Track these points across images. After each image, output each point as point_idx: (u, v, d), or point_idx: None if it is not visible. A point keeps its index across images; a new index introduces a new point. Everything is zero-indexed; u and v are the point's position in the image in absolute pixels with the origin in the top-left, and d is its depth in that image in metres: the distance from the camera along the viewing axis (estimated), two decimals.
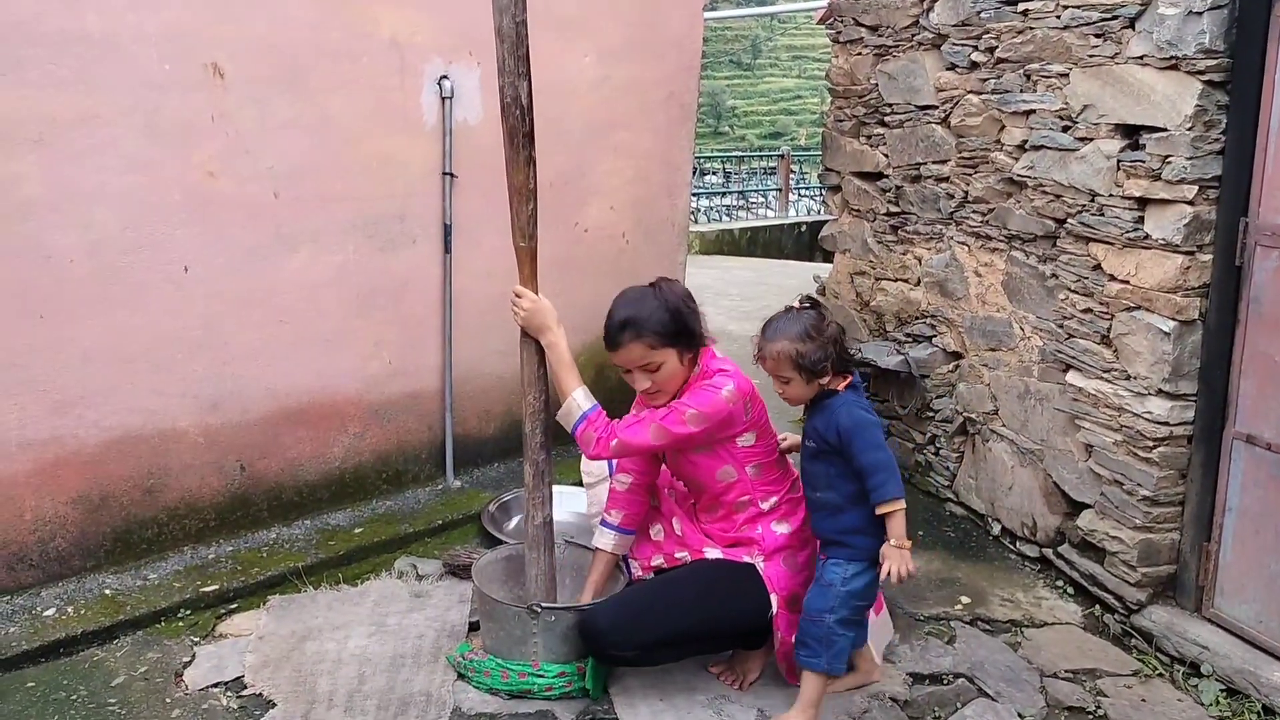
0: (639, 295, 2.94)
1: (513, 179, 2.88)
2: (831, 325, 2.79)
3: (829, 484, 2.82)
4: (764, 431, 2.98)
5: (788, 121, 65.74)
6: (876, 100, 4.62)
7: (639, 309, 2.88)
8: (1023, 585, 3.77)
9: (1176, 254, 3.20)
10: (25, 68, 3.10)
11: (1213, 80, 3.08)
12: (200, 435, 3.65)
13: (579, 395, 2.91)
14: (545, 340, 2.96)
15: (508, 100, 2.82)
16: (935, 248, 4.35)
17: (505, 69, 2.81)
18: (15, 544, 3.32)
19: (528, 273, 2.97)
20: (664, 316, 2.87)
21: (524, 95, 2.82)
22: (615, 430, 2.86)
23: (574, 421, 2.90)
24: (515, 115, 2.83)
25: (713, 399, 2.85)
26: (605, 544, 3.16)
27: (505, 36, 2.79)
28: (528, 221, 2.92)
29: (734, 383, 2.89)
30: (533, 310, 2.95)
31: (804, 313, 2.82)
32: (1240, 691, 3.08)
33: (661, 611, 2.89)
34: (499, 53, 2.81)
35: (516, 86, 2.81)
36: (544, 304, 2.95)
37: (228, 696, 2.94)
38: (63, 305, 3.28)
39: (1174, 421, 3.29)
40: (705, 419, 2.83)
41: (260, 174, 3.62)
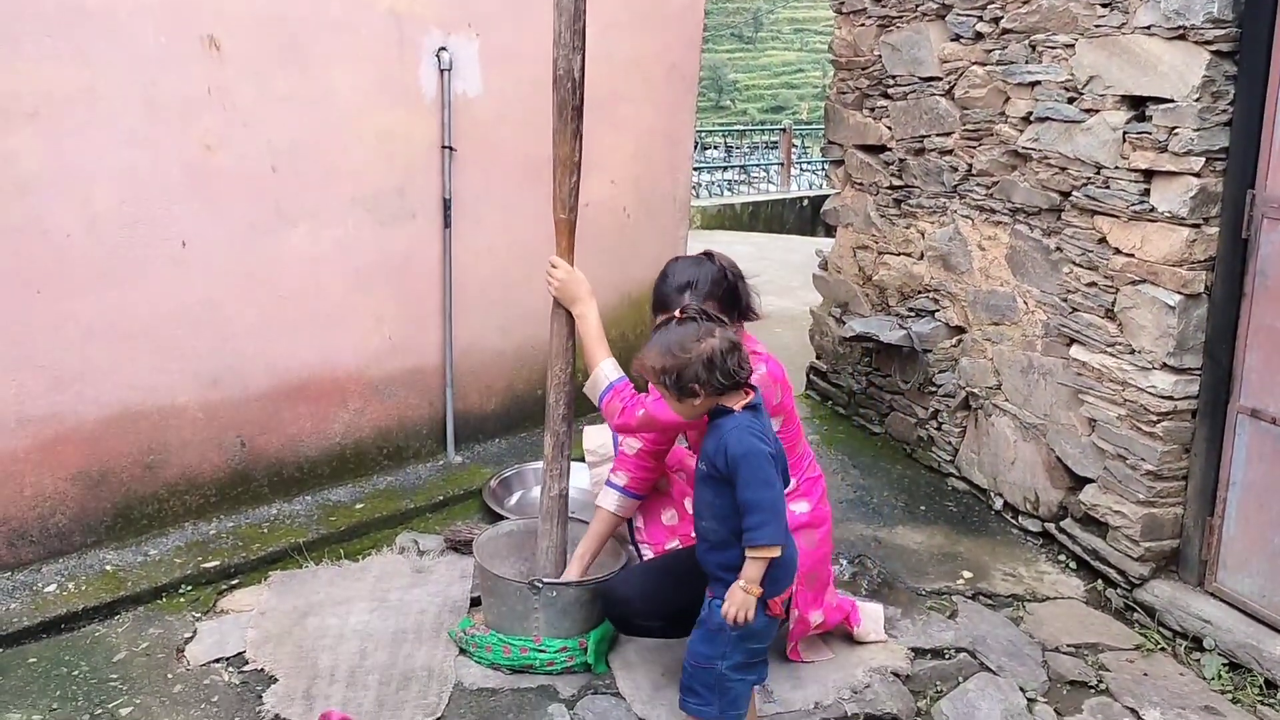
0: (695, 262, 2.96)
1: (558, 150, 2.91)
2: (708, 342, 2.42)
3: (715, 514, 2.49)
4: (789, 417, 2.97)
5: (790, 95, 65.41)
6: (880, 72, 4.58)
7: (698, 273, 2.90)
8: (1025, 560, 3.77)
9: (1182, 227, 3.18)
10: (22, 42, 3.06)
11: (1220, 50, 3.05)
12: (200, 411, 3.64)
13: (607, 366, 2.91)
14: (577, 311, 2.97)
15: (560, 73, 2.85)
16: (939, 221, 4.32)
17: (560, 42, 2.83)
18: (15, 520, 3.31)
19: (565, 244, 2.98)
20: (722, 281, 2.90)
21: (577, 69, 2.85)
22: (642, 402, 2.83)
23: (601, 391, 2.90)
24: (567, 88, 2.86)
25: None
26: (608, 503, 3.13)
27: (564, 9, 2.82)
28: (569, 194, 2.94)
29: (767, 366, 2.88)
30: (567, 280, 2.96)
31: (681, 325, 2.50)
32: (1243, 665, 3.08)
33: (688, 583, 2.88)
34: (555, 25, 2.83)
35: (570, 60, 2.84)
36: (578, 275, 2.97)
37: (229, 672, 2.94)
38: (61, 281, 3.26)
39: (1178, 396, 3.27)
40: None
41: (259, 148, 3.59)
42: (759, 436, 2.43)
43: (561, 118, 2.88)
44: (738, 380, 2.44)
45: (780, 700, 2.89)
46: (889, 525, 3.99)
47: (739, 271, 2.98)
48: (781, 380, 2.95)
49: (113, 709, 2.77)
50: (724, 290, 2.91)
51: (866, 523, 4.00)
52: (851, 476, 4.40)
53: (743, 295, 2.96)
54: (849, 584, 3.54)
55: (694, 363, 2.40)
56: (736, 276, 2.96)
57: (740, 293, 2.95)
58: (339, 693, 2.84)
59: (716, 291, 2.89)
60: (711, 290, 2.88)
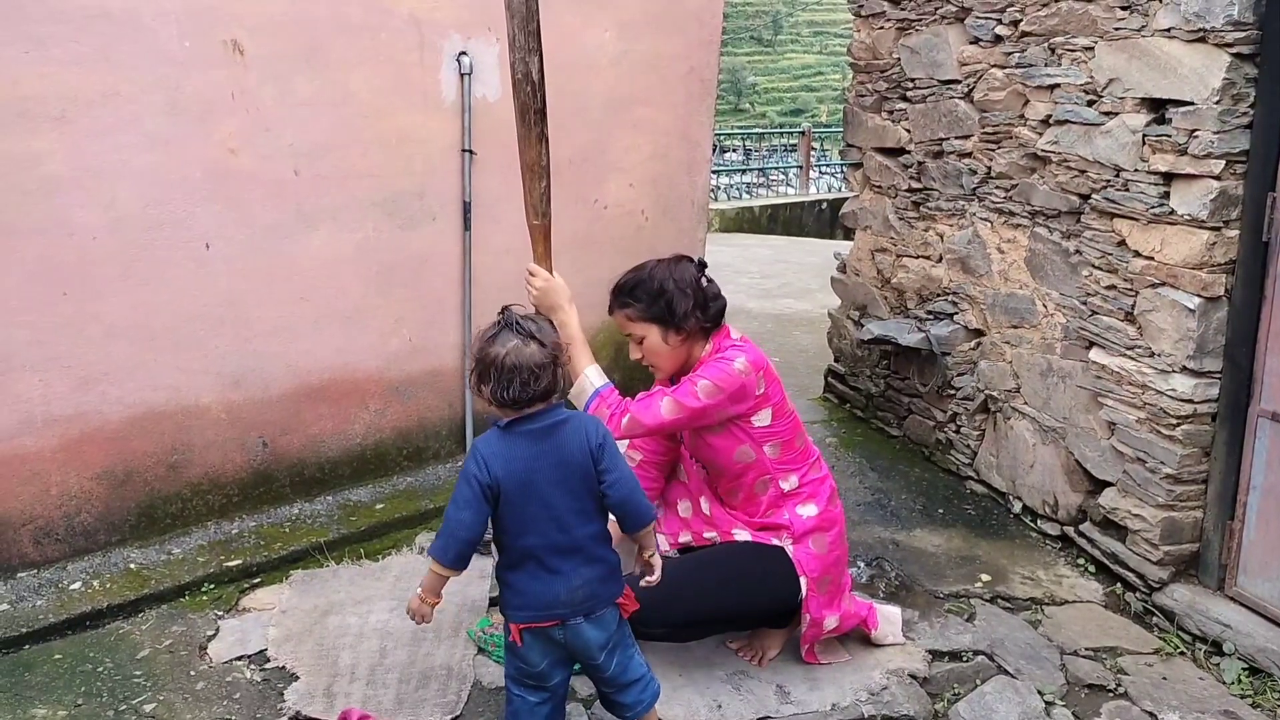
0: (643, 266, 2.97)
1: (525, 156, 2.86)
2: (495, 351, 2.35)
3: None
4: (780, 410, 2.95)
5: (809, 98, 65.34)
6: (899, 75, 4.58)
7: (633, 279, 2.94)
8: (1043, 563, 3.76)
9: (1203, 229, 3.17)
10: (48, 45, 3.11)
11: (1241, 53, 3.04)
12: (223, 411, 3.68)
13: (591, 373, 2.90)
14: (557, 319, 2.90)
15: (518, 76, 2.78)
16: (957, 224, 4.31)
17: (516, 44, 2.77)
18: (41, 518, 3.36)
19: (541, 251, 2.95)
20: (649, 291, 2.90)
21: (535, 71, 2.78)
22: (627, 406, 2.84)
23: (586, 400, 2.88)
24: (526, 92, 2.79)
25: (724, 370, 2.84)
26: None
27: (515, 11, 2.75)
28: (540, 199, 2.89)
29: (746, 356, 2.88)
30: (545, 289, 2.94)
31: (493, 327, 2.43)
32: (1263, 670, 3.06)
33: (692, 592, 2.88)
34: (509, 28, 2.77)
35: (527, 62, 2.77)
36: (556, 283, 2.94)
37: (251, 669, 2.97)
38: (86, 282, 3.30)
39: (1198, 399, 3.26)
40: (718, 390, 2.82)
41: (280, 151, 3.63)
42: (476, 456, 2.36)
43: (525, 122, 2.81)
44: (502, 400, 2.35)
45: (797, 701, 2.89)
46: (907, 528, 3.99)
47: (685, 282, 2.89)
48: (764, 368, 2.91)
49: (136, 705, 2.80)
50: (651, 296, 2.89)
51: (884, 525, 4.00)
52: (870, 479, 4.39)
53: (676, 304, 2.87)
54: (866, 586, 3.54)
55: (484, 366, 2.35)
56: (671, 285, 2.88)
57: (671, 301, 2.87)
58: (359, 690, 2.87)
59: (638, 298, 2.91)
60: (634, 297, 2.91)
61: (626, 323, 2.95)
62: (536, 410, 2.39)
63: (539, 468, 2.36)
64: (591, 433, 2.41)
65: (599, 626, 2.42)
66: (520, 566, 2.40)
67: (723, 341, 2.97)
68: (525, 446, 2.37)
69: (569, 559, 2.38)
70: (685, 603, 2.87)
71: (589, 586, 2.39)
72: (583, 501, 2.39)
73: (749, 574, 2.92)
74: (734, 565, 2.94)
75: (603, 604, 2.41)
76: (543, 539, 2.37)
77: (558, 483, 2.37)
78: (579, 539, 2.39)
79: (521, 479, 2.35)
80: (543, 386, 2.36)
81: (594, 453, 2.39)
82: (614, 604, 2.44)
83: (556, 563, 2.37)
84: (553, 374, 2.37)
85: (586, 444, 2.39)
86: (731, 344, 2.95)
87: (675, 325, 2.90)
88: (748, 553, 2.96)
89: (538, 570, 2.38)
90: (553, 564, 2.37)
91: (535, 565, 2.38)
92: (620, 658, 2.48)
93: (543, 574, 2.37)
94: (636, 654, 2.53)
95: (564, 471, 2.37)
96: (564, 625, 2.39)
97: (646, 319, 2.91)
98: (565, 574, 2.37)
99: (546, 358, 2.37)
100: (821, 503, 2.99)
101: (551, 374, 2.37)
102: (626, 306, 2.93)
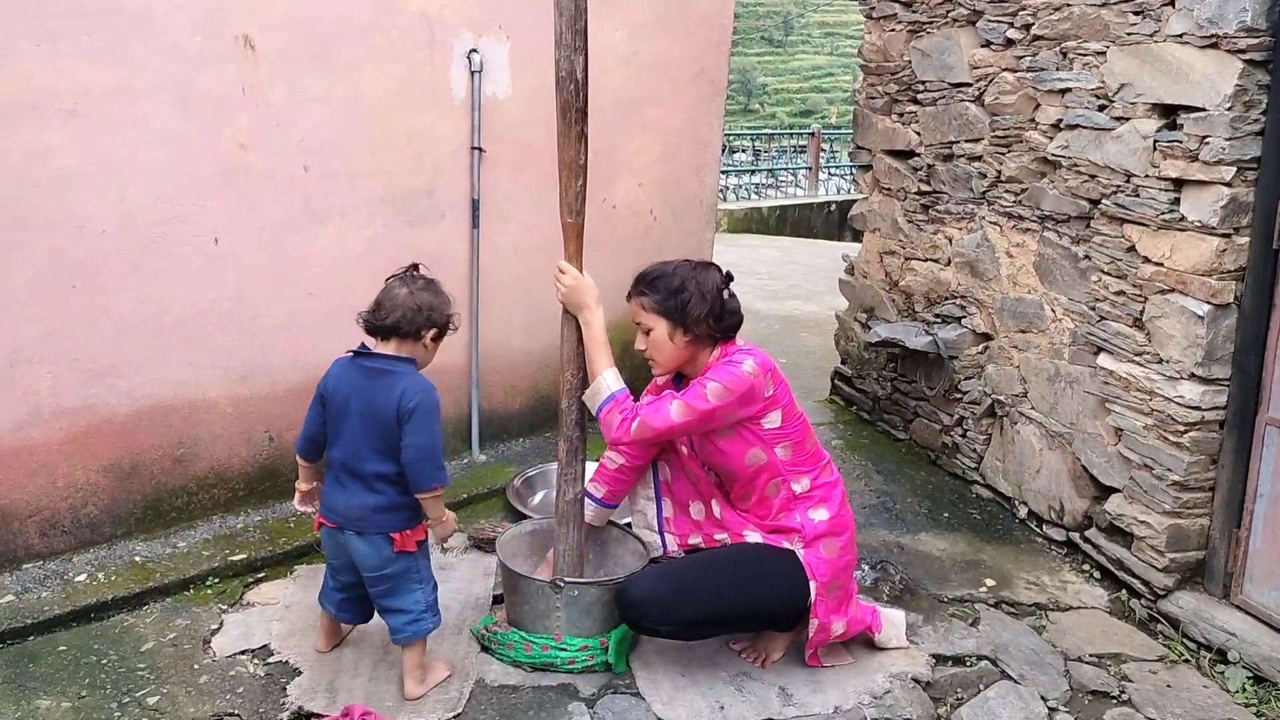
0: (670, 262, 2.99)
1: (563, 153, 2.88)
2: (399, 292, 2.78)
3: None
4: (789, 412, 2.95)
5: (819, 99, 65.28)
6: (909, 77, 4.57)
7: (656, 271, 2.96)
8: (1048, 569, 3.75)
9: (1213, 236, 3.16)
10: (60, 39, 3.12)
11: (1254, 59, 3.03)
12: (230, 406, 3.68)
13: (608, 376, 2.92)
14: (583, 318, 2.97)
15: (563, 74, 2.81)
16: (966, 227, 4.31)
17: (562, 42, 2.78)
18: (48, 510, 3.37)
19: (573, 249, 2.97)
20: (668, 286, 2.91)
21: (579, 70, 2.80)
22: (638, 411, 2.86)
23: (600, 402, 2.90)
24: (570, 90, 2.82)
25: (733, 372, 2.84)
26: (585, 515, 3.16)
27: (564, 9, 2.78)
28: (576, 197, 2.91)
29: (754, 359, 2.89)
30: (574, 287, 2.96)
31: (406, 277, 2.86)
32: (1268, 679, 3.05)
33: (702, 591, 2.90)
34: (556, 25, 2.79)
35: (573, 61, 2.80)
36: (586, 282, 2.97)
37: (255, 664, 2.98)
38: (95, 276, 3.31)
39: (1206, 406, 3.25)
40: (727, 392, 2.82)
41: (290, 147, 3.63)
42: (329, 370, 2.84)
43: (565, 120, 2.84)
44: (362, 318, 2.79)
45: (799, 704, 2.89)
46: (912, 532, 3.99)
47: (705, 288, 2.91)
48: (772, 371, 2.92)
49: (140, 697, 2.81)
50: (668, 293, 2.91)
51: (889, 529, 4.00)
52: (875, 482, 4.39)
53: (690, 306, 2.88)
54: (871, 589, 3.54)
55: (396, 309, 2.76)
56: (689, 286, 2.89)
57: (686, 303, 2.88)
58: (362, 686, 2.87)
59: (655, 291, 2.92)
60: (653, 289, 2.93)
61: (640, 311, 2.96)
62: (378, 354, 2.77)
63: (356, 398, 2.73)
64: (406, 398, 2.69)
65: (369, 545, 2.75)
66: (329, 470, 2.82)
67: (730, 348, 2.97)
68: (355, 377, 2.76)
69: (355, 481, 2.74)
70: (694, 601, 2.87)
71: (363, 510, 2.74)
72: (380, 444, 2.72)
73: (759, 574, 2.92)
74: (744, 565, 2.94)
75: (372, 529, 2.74)
76: (343, 455, 2.76)
77: (364, 418, 2.72)
78: (366, 471, 2.72)
79: (341, 400, 2.75)
80: (387, 321, 2.74)
81: (400, 414, 2.69)
82: (387, 535, 2.74)
83: (346, 479, 2.76)
84: (405, 318, 2.74)
85: (397, 404, 2.69)
86: (739, 349, 2.96)
87: (685, 325, 2.90)
88: (758, 554, 2.96)
89: (334, 478, 2.79)
90: (343, 479, 2.76)
91: (334, 474, 2.79)
92: (393, 586, 2.80)
93: (335, 484, 2.78)
94: (419, 594, 2.82)
95: (372, 413, 2.71)
96: (342, 531, 2.76)
97: (658, 312, 2.92)
98: (349, 491, 2.75)
99: (408, 303, 2.75)
100: (834, 508, 2.98)
101: (402, 318, 2.73)
102: (643, 295, 2.95)
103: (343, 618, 2.98)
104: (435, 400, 2.75)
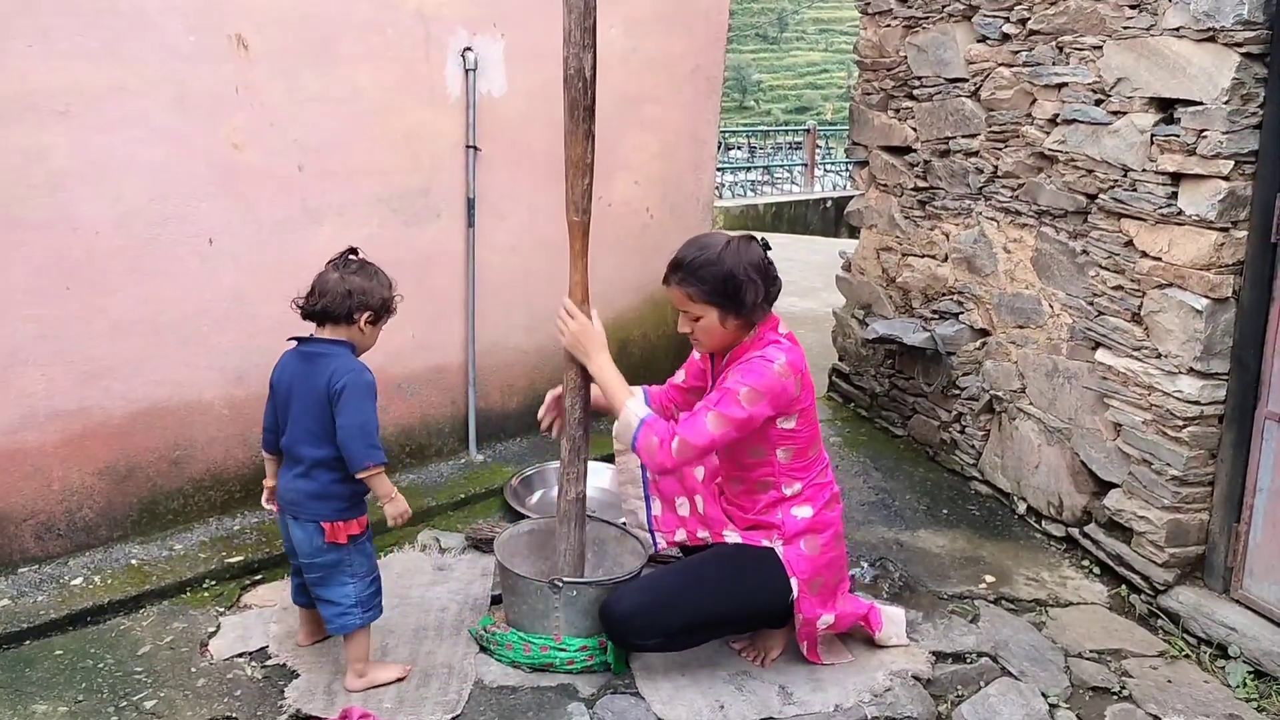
0: (707, 243, 2.86)
1: (570, 151, 2.85)
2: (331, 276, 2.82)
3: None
4: (806, 417, 2.88)
5: (814, 96, 65.29)
6: (905, 73, 4.56)
7: (699, 258, 2.81)
8: (1048, 565, 3.75)
9: (1210, 230, 3.15)
10: (54, 38, 3.10)
11: (1251, 52, 3.02)
12: (226, 408, 3.67)
13: (632, 406, 2.83)
14: (592, 365, 2.89)
15: (571, 72, 2.78)
16: (963, 223, 4.30)
17: (570, 40, 2.77)
18: (43, 513, 3.35)
19: (579, 247, 2.93)
20: (715, 273, 2.78)
21: (588, 68, 2.78)
22: (675, 430, 2.75)
23: (633, 432, 2.79)
24: (578, 88, 2.80)
25: (764, 372, 2.75)
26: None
27: (573, 7, 2.76)
28: (582, 195, 2.88)
29: (786, 356, 2.79)
30: (579, 334, 2.89)
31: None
32: (1269, 674, 3.05)
33: (683, 598, 2.89)
34: (565, 22, 2.77)
35: (581, 59, 2.78)
36: (593, 329, 2.90)
37: (252, 666, 2.96)
38: (91, 277, 3.30)
39: (1205, 401, 3.24)
40: (760, 396, 2.73)
41: (286, 146, 3.62)
42: None
43: (573, 118, 2.82)
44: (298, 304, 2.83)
45: (799, 702, 2.88)
46: (911, 528, 3.98)
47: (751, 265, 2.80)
48: (802, 372, 2.84)
49: (137, 701, 2.79)
50: (717, 280, 2.78)
51: (888, 526, 3.99)
52: (873, 479, 4.38)
53: (744, 291, 2.78)
54: (870, 587, 3.53)
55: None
56: (739, 269, 2.78)
57: (739, 287, 2.78)
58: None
59: (702, 279, 2.79)
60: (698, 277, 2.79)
61: (686, 301, 2.84)
62: (313, 338, 2.82)
63: (297, 384, 2.79)
64: (335, 378, 2.73)
65: (303, 531, 2.79)
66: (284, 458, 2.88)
67: (766, 332, 2.88)
68: (295, 364, 2.82)
69: (295, 466, 2.80)
70: (677, 608, 2.87)
71: (297, 494, 2.79)
72: (316, 427, 2.76)
73: (739, 574, 2.91)
74: (724, 566, 2.94)
75: (305, 514, 2.78)
76: (287, 441, 2.81)
77: (304, 402, 2.77)
78: (304, 456, 2.77)
79: (285, 388, 2.82)
80: (316, 306, 2.79)
81: (331, 395, 2.73)
82: (319, 523, 2.78)
83: (290, 463, 2.82)
84: (334, 302, 2.77)
85: (328, 385, 2.73)
86: (774, 339, 2.86)
87: (739, 311, 2.82)
88: (737, 554, 2.95)
89: (285, 462, 2.85)
90: (288, 464, 2.83)
91: (285, 458, 2.85)
92: (324, 576, 2.83)
93: (284, 469, 2.85)
94: (349, 588, 2.83)
95: (310, 396, 2.76)
96: (284, 513, 2.84)
97: (708, 301, 2.81)
98: (289, 475, 2.81)
99: (338, 287, 2.79)
100: (817, 505, 2.96)
101: (331, 302, 2.77)
102: (689, 284, 2.81)
103: (300, 602, 3.00)
104: (366, 380, 2.76)
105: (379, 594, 2.91)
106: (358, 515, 2.82)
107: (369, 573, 2.87)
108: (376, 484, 2.77)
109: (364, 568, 2.86)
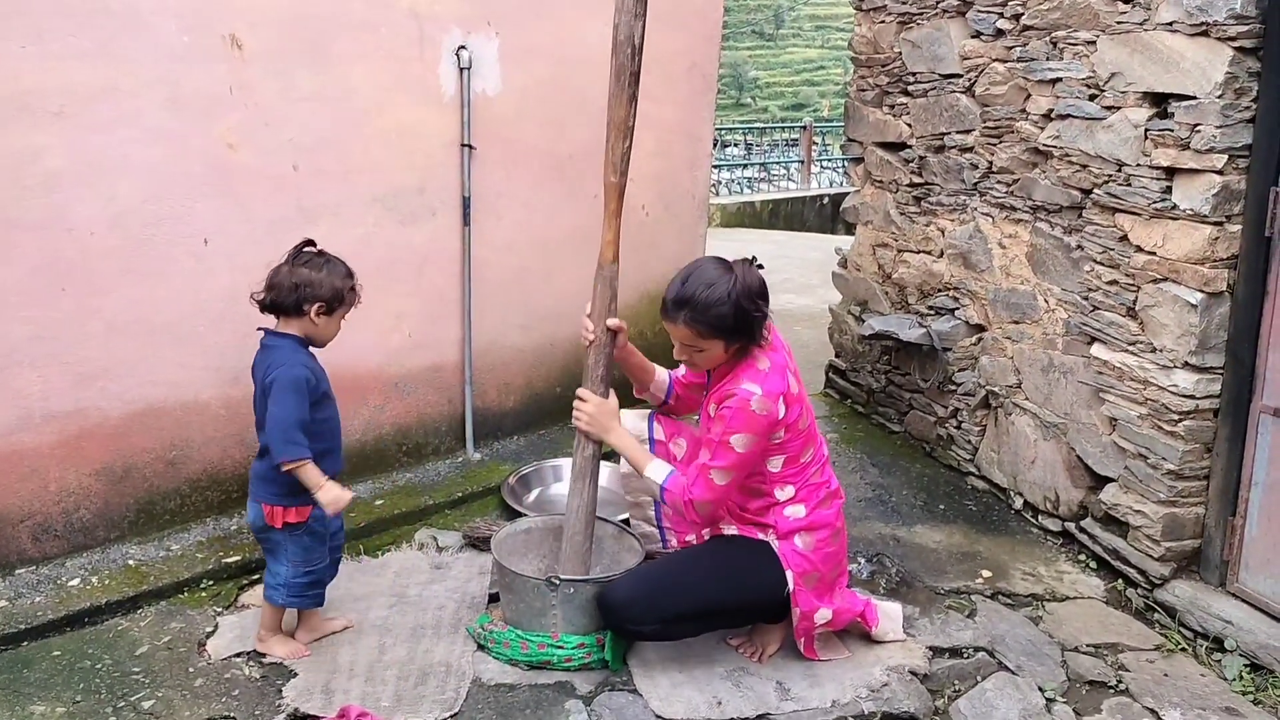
0: (713, 278, 2.78)
1: (614, 113, 2.96)
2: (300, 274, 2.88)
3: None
4: (794, 429, 2.87)
5: (810, 92, 65.26)
6: (900, 69, 4.56)
7: (705, 293, 2.75)
8: (1044, 559, 3.75)
9: (1205, 225, 3.15)
10: (47, 39, 3.10)
11: (1244, 47, 3.02)
12: (222, 407, 3.67)
13: (652, 471, 2.95)
14: (609, 440, 3.01)
15: (620, 38, 2.92)
16: (959, 219, 4.30)
17: (624, 8, 2.91)
18: (40, 514, 3.35)
19: (614, 207, 3.03)
20: (725, 312, 2.75)
21: (638, 35, 2.92)
22: (690, 493, 2.84)
23: (657, 496, 2.96)
24: (626, 54, 2.92)
25: (742, 417, 2.76)
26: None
27: None
28: (622, 158, 3.00)
29: (762, 387, 2.77)
30: (595, 414, 3.00)
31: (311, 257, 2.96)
32: (1265, 667, 3.06)
33: (680, 586, 2.91)
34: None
35: (632, 27, 2.91)
36: (608, 406, 3.01)
37: (250, 666, 2.96)
38: (86, 277, 3.29)
39: (1200, 395, 3.25)
40: (751, 439, 2.77)
41: (280, 146, 3.62)
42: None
43: (619, 82, 2.93)
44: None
45: (797, 698, 2.89)
46: (908, 524, 3.98)
47: (754, 295, 2.79)
48: (782, 393, 2.81)
49: (135, 701, 2.79)
50: (727, 316, 2.75)
51: (885, 521, 3.99)
52: (870, 475, 4.39)
53: (752, 323, 2.79)
54: (867, 582, 3.54)
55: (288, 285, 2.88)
56: (747, 302, 2.76)
57: (749, 320, 2.78)
58: (358, 687, 2.86)
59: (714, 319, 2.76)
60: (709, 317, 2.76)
61: (693, 336, 2.80)
62: (269, 330, 2.92)
63: (256, 374, 2.90)
64: (269, 371, 2.83)
65: (253, 505, 2.93)
66: None
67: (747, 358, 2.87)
68: (257, 355, 2.93)
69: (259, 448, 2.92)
70: (673, 596, 2.88)
71: (252, 474, 2.94)
72: (260, 415, 2.87)
73: (735, 566, 2.93)
74: (721, 557, 2.96)
75: (253, 492, 2.92)
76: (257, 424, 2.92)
77: (256, 391, 2.90)
78: (260, 439, 2.89)
79: (253, 379, 2.92)
80: (266, 300, 2.88)
81: (264, 387, 2.84)
82: (260, 503, 2.90)
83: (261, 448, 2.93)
84: (280, 295, 2.85)
85: (263, 378, 2.84)
86: (752, 372, 2.82)
87: (749, 341, 2.85)
88: (734, 545, 2.98)
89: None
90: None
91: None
92: (267, 549, 2.99)
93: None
94: (283, 571, 2.95)
95: (257, 387, 2.89)
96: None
97: (715, 336, 2.80)
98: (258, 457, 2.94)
99: (285, 280, 2.86)
100: (811, 505, 2.96)
101: (278, 295, 2.86)
102: (696, 323, 2.77)
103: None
104: (294, 375, 2.81)
105: (315, 588, 3.01)
106: (296, 505, 2.89)
107: (304, 564, 2.96)
108: (303, 476, 2.81)
109: (298, 557, 2.95)
